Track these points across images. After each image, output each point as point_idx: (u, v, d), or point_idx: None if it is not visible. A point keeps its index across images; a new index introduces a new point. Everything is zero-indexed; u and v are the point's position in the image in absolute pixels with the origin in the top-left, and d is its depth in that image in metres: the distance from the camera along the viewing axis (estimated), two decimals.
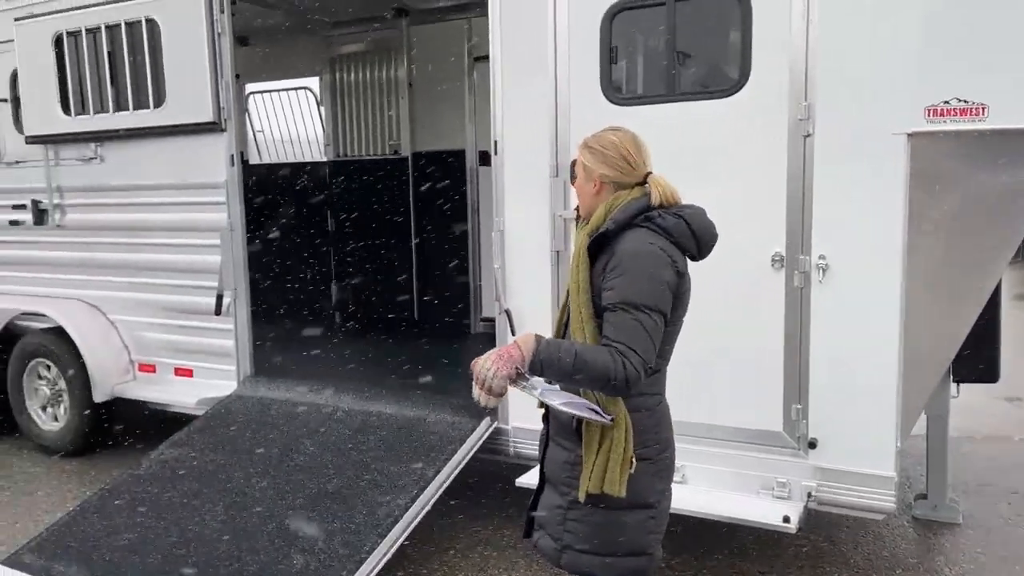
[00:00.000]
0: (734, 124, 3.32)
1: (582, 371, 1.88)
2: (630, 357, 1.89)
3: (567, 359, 1.89)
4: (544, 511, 2.19)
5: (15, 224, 5.53)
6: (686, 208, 2.12)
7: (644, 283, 1.95)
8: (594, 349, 1.93)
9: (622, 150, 2.13)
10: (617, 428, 1.99)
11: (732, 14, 3.29)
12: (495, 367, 1.91)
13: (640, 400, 2.07)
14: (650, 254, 1.99)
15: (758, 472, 3.41)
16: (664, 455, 2.14)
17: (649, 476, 2.08)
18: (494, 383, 1.91)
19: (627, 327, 1.92)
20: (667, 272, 2.00)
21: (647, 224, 2.05)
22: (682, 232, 2.06)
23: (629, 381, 1.88)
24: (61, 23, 4.96)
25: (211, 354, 4.86)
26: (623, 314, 1.93)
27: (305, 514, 3.47)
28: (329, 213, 6.94)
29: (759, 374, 3.37)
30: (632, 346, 1.90)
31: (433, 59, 6.28)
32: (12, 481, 4.89)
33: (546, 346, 1.92)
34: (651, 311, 1.94)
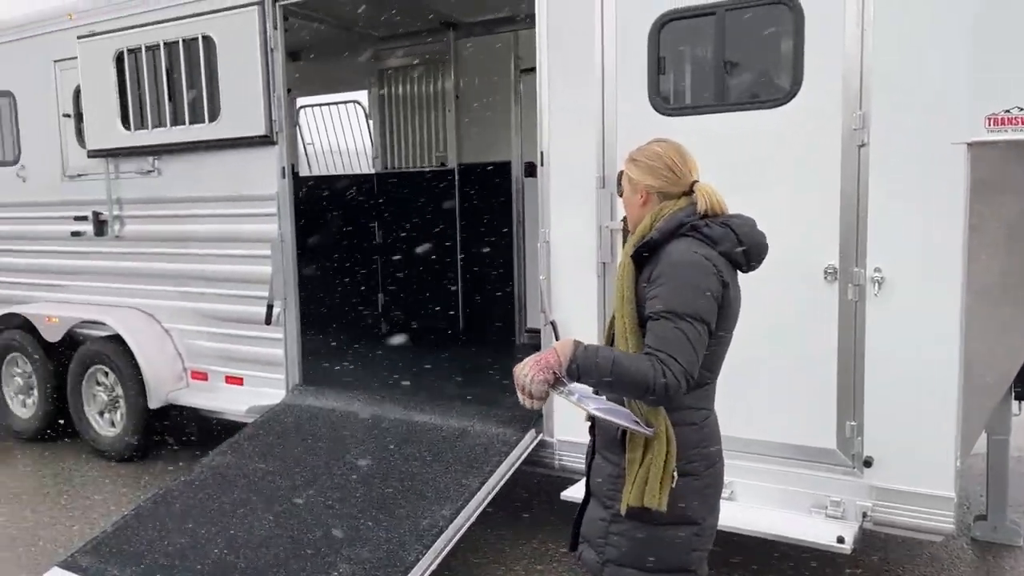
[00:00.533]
0: (785, 134, 3.26)
1: (620, 378, 1.86)
2: (671, 366, 1.85)
3: (605, 365, 1.86)
4: (588, 524, 2.17)
5: (77, 235, 5.72)
6: (734, 218, 2.09)
7: (687, 292, 1.92)
8: (634, 357, 1.90)
9: (667, 160, 2.12)
10: (659, 441, 1.95)
11: (784, 22, 3.24)
12: (532, 372, 1.91)
13: (686, 414, 2.03)
14: (694, 263, 1.96)
15: (811, 490, 3.32)
16: (710, 471, 2.09)
17: (694, 492, 2.03)
18: (532, 388, 1.91)
19: (669, 336, 1.89)
20: (711, 282, 1.96)
21: (693, 233, 2.02)
22: (729, 242, 2.03)
23: (669, 390, 1.84)
24: (122, 41, 5.13)
25: (261, 363, 4.95)
26: (665, 323, 1.90)
27: (350, 523, 3.50)
28: (377, 224, 7.02)
29: (812, 390, 3.29)
30: (673, 355, 1.86)
31: (480, 71, 6.32)
32: (71, 485, 5.03)
33: (583, 352, 1.90)
34: (694, 320, 1.90)
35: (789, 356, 3.31)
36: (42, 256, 5.97)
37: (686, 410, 2.02)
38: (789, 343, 3.31)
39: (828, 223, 3.20)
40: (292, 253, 4.85)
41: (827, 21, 3.12)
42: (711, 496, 2.10)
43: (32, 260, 6.04)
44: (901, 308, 3.08)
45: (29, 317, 5.73)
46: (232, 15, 4.66)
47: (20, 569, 3.88)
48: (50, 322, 5.61)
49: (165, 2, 4.99)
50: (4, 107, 6.11)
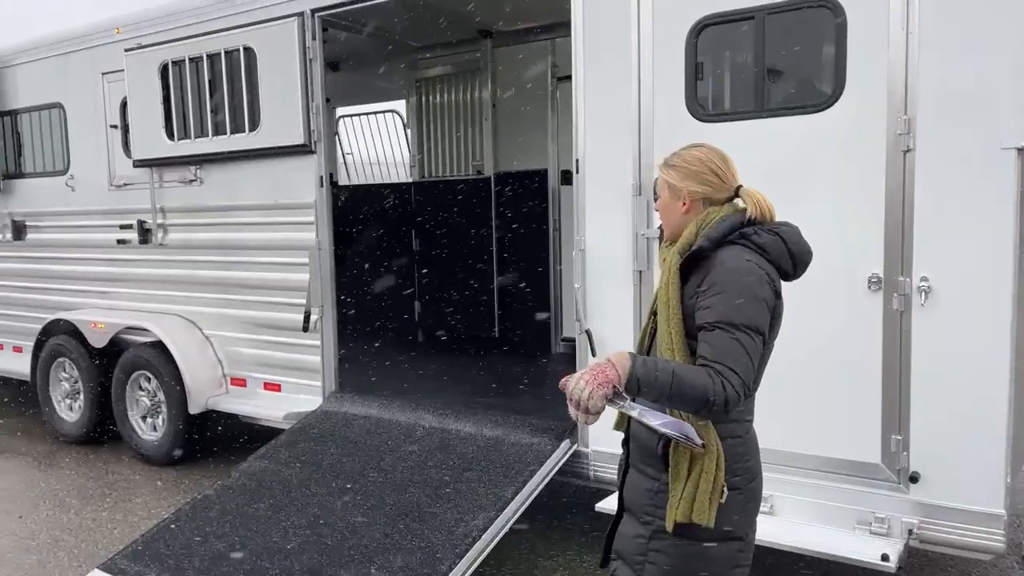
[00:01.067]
0: (827, 140, 3.19)
1: (680, 392, 1.78)
2: (730, 378, 1.78)
3: (664, 378, 1.78)
4: (623, 540, 2.11)
5: (122, 243, 5.85)
6: (782, 225, 2.04)
7: (743, 301, 1.86)
8: (692, 369, 1.83)
9: (711, 165, 2.06)
10: (709, 455, 1.90)
11: (825, 26, 3.17)
12: (590, 387, 1.78)
13: (733, 427, 1.98)
14: (748, 271, 1.91)
15: (854, 506, 3.23)
16: (752, 484, 2.04)
17: (738, 507, 1.97)
18: (590, 404, 1.78)
19: (727, 347, 1.82)
20: (766, 291, 1.92)
21: (742, 241, 1.97)
22: (779, 250, 1.97)
23: (729, 403, 1.78)
24: (167, 53, 5.24)
25: (298, 369, 4.99)
26: (722, 333, 1.84)
27: (384, 530, 3.49)
28: (414, 232, 7.06)
29: (855, 402, 3.20)
30: (732, 367, 1.80)
31: (517, 80, 6.33)
32: (113, 488, 5.13)
33: (642, 365, 1.81)
34: (751, 331, 1.85)
35: (832, 367, 3.23)
36: (89, 263, 6.12)
37: (732, 423, 1.98)
38: (832, 354, 3.23)
39: (872, 231, 3.12)
40: (330, 261, 4.89)
41: (870, 24, 3.05)
42: (753, 510, 2.05)
43: (80, 267, 6.19)
44: (949, 318, 2.99)
45: (76, 323, 5.87)
46: (272, 26, 4.73)
47: (63, 571, 3.96)
48: (96, 328, 5.74)
49: (208, 15, 5.09)
50: (55, 118, 6.29)
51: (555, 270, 6.27)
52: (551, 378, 5.28)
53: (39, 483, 5.22)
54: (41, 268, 6.49)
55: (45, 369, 6.21)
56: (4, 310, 6.84)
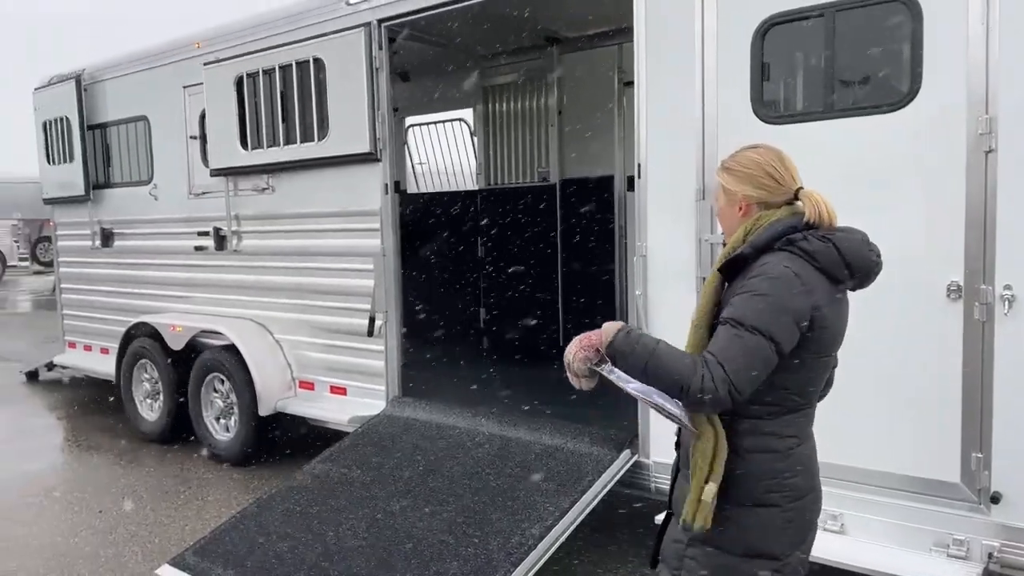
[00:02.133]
0: (902, 141, 3.04)
1: (655, 369, 1.77)
2: (714, 371, 1.73)
3: (643, 353, 1.79)
4: (667, 544, 2.07)
5: (200, 249, 6.08)
6: (837, 231, 1.91)
7: (760, 304, 1.79)
8: (677, 352, 1.80)
9: (766, 167, 1.97)
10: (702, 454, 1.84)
11: (900, 22, 3.03)
12: (575, 350, 1.90)
13: (767, 440, 1.89)
14: (779, 277, 1.82)
15: (931, 527, 3.05)
16: (795, 505, 1.90)
17: (773, 525, 1.88)
18: (574, 366, 1.91)
19: (726, 342, 1.78)
20: (795, 300, 1.80)
21: (788, 248, 1.87)
22: (830, 258, 1.86)
23: (704, 394, 1.72)
24: (242, 66, 5.42)
25: (363, 374, 5.07)
26: (728, 329, 1.80)
27: (441, 536, 3.50)
28: (479, 239, 7.09)
29: (933, 417, 3.03)
30: (722, 361, 1.74)
31: (583, 86, 6.29)
32: (188, 486, 5.31)
33: (625, 336, 1.83)
34: (759, 334, 1.76)
35: (908, 380, 3.07)
36: (170, 269, 6.38)
37: (768, 436, 1.89)
38: (908, 366, 3.07)
39: (952, 236, 2.96)
40: (395, 267, 4.95)
41: (948, 19, 2.90)
42: (796, 531, 1.93)
43: (161, 273, 6.46)
44: None
45: (156, 326, 6.12)
46: (340, 37, 4.84)
47: (137, 564, 4.11)
48: (175, 331, 5.97)
49: (280, 28, 5.25)
50: (140, 130, 6.59)
51: (620, 277, 6.19)
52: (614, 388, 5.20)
53: (120, 479, 5.45)
54: (126, 274, 6.80)
55: (128, 370, 6.49)
56: (94, 313, 7.22)
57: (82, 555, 4.24)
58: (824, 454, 3.17)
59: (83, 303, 7.36)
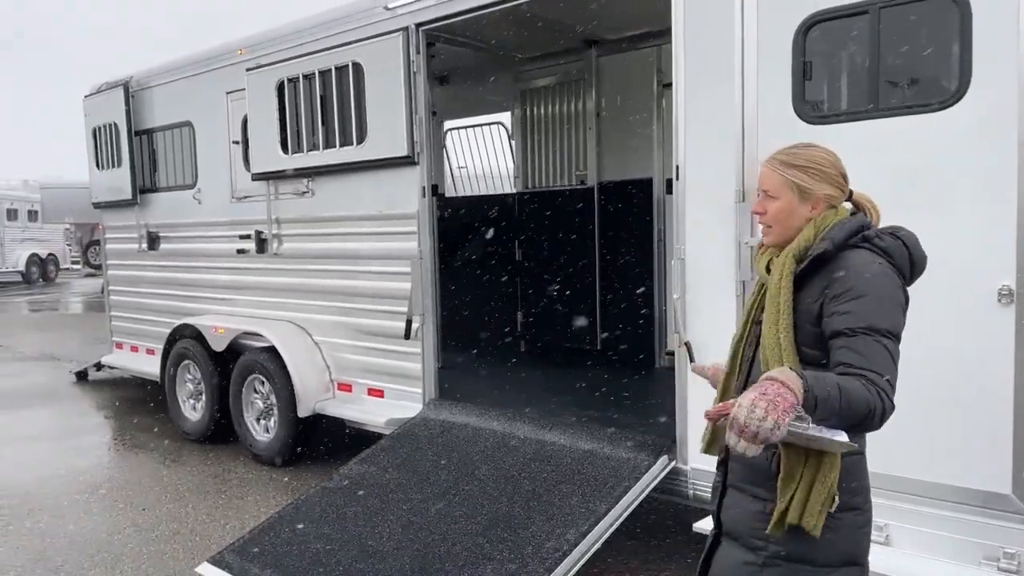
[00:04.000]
0: (950, 140, 2.94)
1: (849, 406, 1.64)
2: (884, 388, 1.68)
3: (835, 392, 1.63)
4: (727, 570, 1.96)
5: (241, 252, 6.17)
6: (901, 230, 1.94)
7: (886, 305, 1.78)
8: (851, 381, 1.68)
9: (839, 167, 1.99)
10: (831, 460, 1.76)
11: (947, 19, 2.93)
12: (772, 416, 1.56)
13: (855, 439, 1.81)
14: (884, 274, 1.82)
15: (981, 539, 2.94)
16: (869, 506, 1.91)
17: (858, 529, 1.86)
18: (774, 435, 1.58)
19: (875, 354, 1.71)
20: (902, 295, 1.85)
21: (866, 245, 1.87)
22: (901, 255, 1.89)
23: (886, 412, 1.68)
24: (283, 71, 5.50)
25: (400, 376, 5.09)
26: (868, 339, 1.73)
27: (475, 540, 3.48)
28: (517, 243, 7.08)
29: (983, 426, 2.92)
30: (884, 374, 1.70)
31: (621, 88, 6.25)
32: (228, 485, 5.38)
33: (815, 381, 1.64)
34: (894, 337, 1.77)
35: (958, 388, 2.96)
36: (213, 272, 6.50)
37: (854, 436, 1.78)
38: (957, 373, 2.96)
39: (1003, 238, 2.85)
40: (432, 270, 4.96)
41: (998, 15, 2.79)
42: (869, 535, 1.92)
43: (204, 275, 6.59)
44: None
45: (199, 327, 6.23)
46: (379, 42, 4.88)
47: (177, 561, 4.18)
48: (217, 332, 6.07)
49: (320, 33, 5.31)
50: (185, 136, 6.73)
51: (660, 281, 6.12)
52: (651, 393, 5.16)
53: (163, 478, 5.56)
54: (171, 276, 6.95)
55: (172, 370, 6.62)
56: (140, 315, 7.39)
57: (125, 552, 4.32)
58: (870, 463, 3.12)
59: (130, 305, 7.55)
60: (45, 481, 5.54)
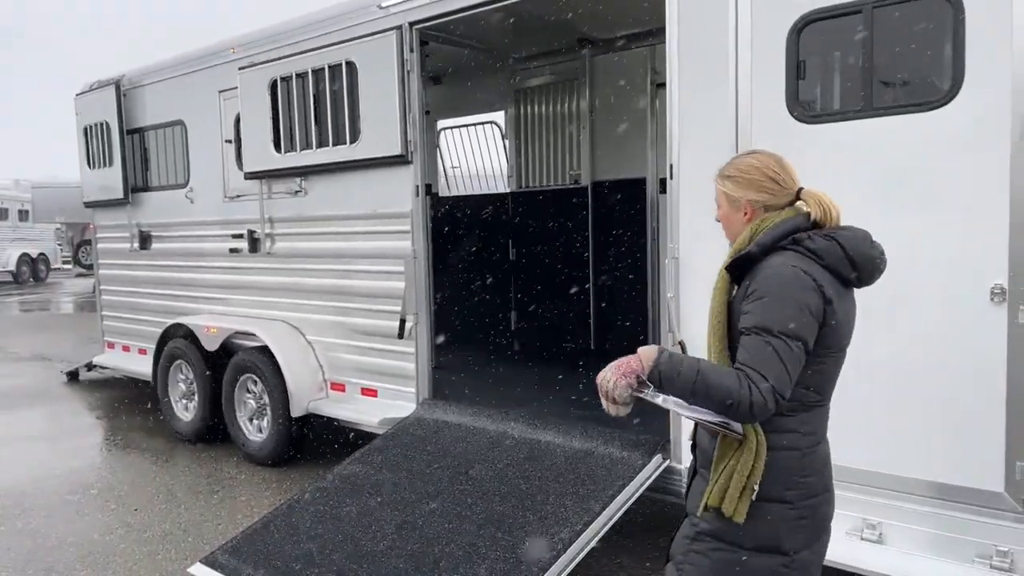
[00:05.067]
0: (943, 139, 2.95)
1: (704, 390, 1.78)
2: (758, 383, 1.76)
3: (688, 375, 1.80)
4: (675, 541, 2.10)
5: (234, 252, 6.15)
6: (842, 230, 1.95)
7: (783, 307, 1.82)
8: (721, 370, 1.82)
9: (767, 171, 2.02)
10: (747, 450, 1.87)
11: (940, 16, 2.94)
12: (615, 377, 1.87)
13: (791, 438, 1.91)
14: (791, 277, 1.85)
15: (973, 537, 2.96)
16: (807, 503, 1.93)
17: (787, 521, 1.91)
18: (616, 394, 1.87)
19: (760, 352, 1.79)
20: (810, 297, 1.84)
21: (794, 247, 1.91)
22: (835, 255, 1.89)
23: (754, 408, 1.75)
24: (276, 70, 5.48)
25: (393, 376, 5.08)
26: (757, 338, 1.81)
27: (469, 539, 3.48)
28: (510, 242, 7.07)
29: (976, 425, 2.94)
30: (763, 372, 1.76)
31: (615, 88, 6.25)
32: (221, 485, 5.36)
33: (668, 359, 1.83)
34: (788, 338, 1.80)
35: (949, 386, 2.98)
36: (205, 271, 6.48)
37: (790, 433, 1.92)
38: (949, 371, 2.97)
39: (995, 238, 2.86)
40: (425, 269, 4.95)
41: (991, 14, 2.81)
42: (806, 529, 1.94)
43: (196, 275, 6.56)
44: None
45: (192, 327, 6.21)
46: (372, 40, 4.86)
47: (170, 562, 4.16)
48: (209, 332, 6.05)
49: (314, 32, 5.29)
50: (177, 135, 6.70)
51: (653, 280, 6.13)
52: None
53: (155, 478, 5.53)
54: (163, 276, 6.92)
55: (164, 370, 6.59)
56: (132, 315, 7.35)
57: (117, 552, 4.30)
58: (863, 461, 3.13)
59: (122, 304, 7.51)
60: (36, 481, 5.50)
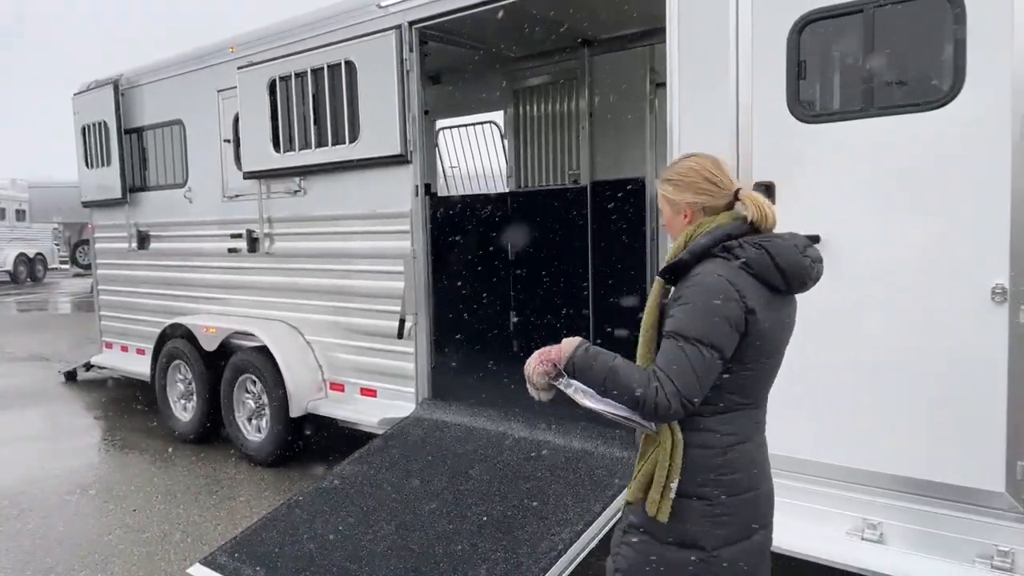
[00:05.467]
0: (945, 139, 2.95)
1: (613, 386, 1.88)
2: (665, 385, 1.83)
3: (600, 369, 1.89)
4: (615, 532, 2.18)
5: (233, 251, 6.14)
6: (775, 237, 1.97)
7: (701, 316, 1.87)
8: (633, 368, 1.90)
9: (704, 173, 2.05)
10: (662, 448, 1.94)
11: (941, 16, 2.94)
12: (535, 365, 2.00)
13: (704, 436, 1.96)
14: (712, 285, 1.89)
15: (974, 537, 2.95)
16: (729, 501, 1.96)
17: (704, 518, 1.96)
18: (535, 379, 2.00)
19: (672, 356, 1.87)
20: (730, 308, 1.87)
21: (724, 254, 1.94)
22: (763, 264, 1.92)
23: (659, 410, 1.83)
24: (275, 69, 5.47)
25: (393, 376, 5.07)
26: (673, 343, 1.88)
27: (470, 540, 3.47)
28: (509, 243, 7.06)
29: (977, 424, 2.93)
30: (671, 376, 1.84)
31: (614, 88, 6.24)
32: (220, 486, 5.35)
33: (584, 351, 1.94)
34: (701, 344, 1.85)
35: (951, 386, 2.97)
36: (204, 271, 6.46)
37: (705, 432, 1.97)
38: (951, 371, 2.97)
39: (996, 237, 2.86)
40: (425, 269, 4.95)
41: (992, 14, 2.80)
42: (728, 527, 1.97)
43: (195, 275, 6.55)
44: None
45: (190, 327, 6.19)
46: (372, 40, 4.86)
47: (168, 563, 4.15)
48: (208, 332, 6.04)
49: (313, 31, 5.28)
50: (175, 134, 6.69)
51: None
52: None
53: (154, 478, 5.52)
54: (162, 275, 6.91)
55: (163, 370, 6.58)
56: (130, 314, 7.34)
57: (115, 553, 4.29)
58: (863, 461, 3.13)
59: (120, 304, 7.49)
60: (35, 482, 5.49)
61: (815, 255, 1.99)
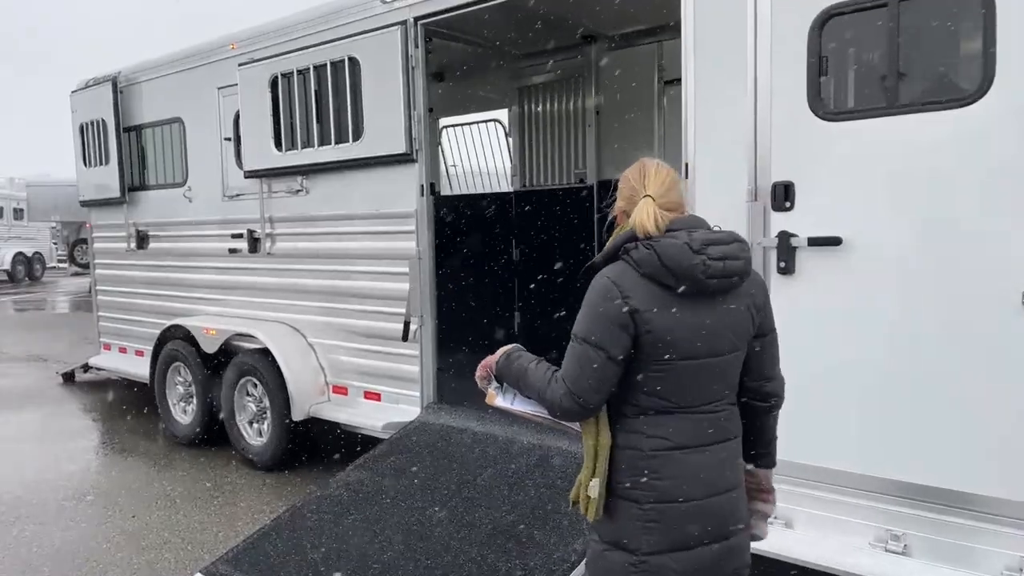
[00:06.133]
0: (972, 137, 2.85)
1: (527, 388, 2.01)
2: (560, 385, 1.93)
3: (517, 372, 2.03)
4: None
5: (233, 252, 6.03)
6: (667, 237, 1.93)
7: (588, 316, 1.94)
8: (541, 370, 2.00)
9: (630, 179, 2.08)
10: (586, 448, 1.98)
11: (970, 13, 2.84)
12: (478, 372, 2.15)
13: (632, 437, 1.96)
14: (596, 287, 1.95)
15: (1006, 550, 2.86)
16: (660, 506, 1.92)
17: (634, 520, 1.95)
18: (480, 384, 2.16)
19: (567, 356, 1.96)
20: (610, 307, 1.90)
21: (624, 256, 1.97)
22: (652, 265, 1.91)
23: (557, 407, 1.93)
24: (276, 66, 5.36)
25: (397, 379, 4.97)
26: (569, 344, 1.96)
27: (479, 551, 3.37)
28: (514, 242, 6.96)
29: (1007, 434, 2.83)
30: (564, 376, 1.93)
31: (621, 85, 6.14)
32: (220, 491, 5.25)
33: (505, 359, 2.07)
34: (589, 345, 1.91)
35: (979, 394, 2.87)
36: (203, 272, 6.35)
37: (633, 433, 1.97)
38: (979, 379, 2.87)
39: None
40: (430, 270, 4.84)
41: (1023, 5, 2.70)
42: (656, 533, 1.93)
43: (195, 275, 6.44)
44: None
45: (190, 329, 6.09)
46: (375, 36, 4.75)
47: (168, 572, 4.05)
48: (208, 334, 5.93)
49: (315, 27, 5.18)
50: (175, 132, 6.58)
51: None
52: None
53: (153, 483, 5.41)
54: (161, 276, 6.80)
55: (162, 373, 6.47)
56: (129, 315, 7.23)
57: (114, 561, 4.19)
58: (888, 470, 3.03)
59: (118, 305, 7.39)
60: (32, 486, 5.39)
61: (717, 252, 1.90)
